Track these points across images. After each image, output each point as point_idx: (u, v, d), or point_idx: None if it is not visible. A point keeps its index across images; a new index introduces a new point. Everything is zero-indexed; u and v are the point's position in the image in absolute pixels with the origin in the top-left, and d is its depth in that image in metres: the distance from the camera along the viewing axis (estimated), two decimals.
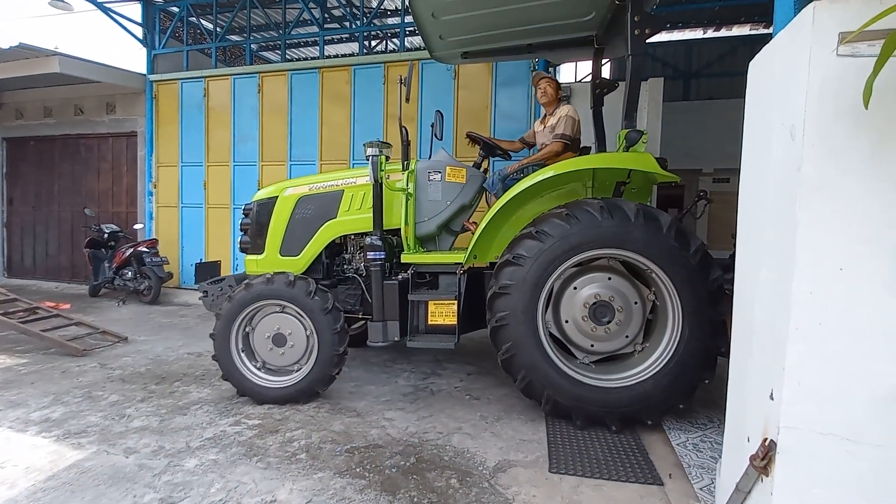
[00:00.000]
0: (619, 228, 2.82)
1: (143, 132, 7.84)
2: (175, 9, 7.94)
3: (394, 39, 9.75)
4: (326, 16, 8.07)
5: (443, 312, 3.29)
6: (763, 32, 9.24)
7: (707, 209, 6.41)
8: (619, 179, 3.24)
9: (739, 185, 2.09)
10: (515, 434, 2.95)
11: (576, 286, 3.04)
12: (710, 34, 9.95)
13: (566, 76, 11.46)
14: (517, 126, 5.94)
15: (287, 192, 3.78)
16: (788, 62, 1.64)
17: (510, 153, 4.00)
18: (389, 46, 10.16)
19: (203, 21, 8.11)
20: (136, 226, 7.70)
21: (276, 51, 9.84)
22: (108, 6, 7.66)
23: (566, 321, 3.06)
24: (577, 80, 9.99)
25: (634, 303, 2.98)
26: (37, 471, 2.52)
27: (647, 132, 3.17)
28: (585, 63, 8.65)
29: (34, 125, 8.68)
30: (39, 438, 2.87)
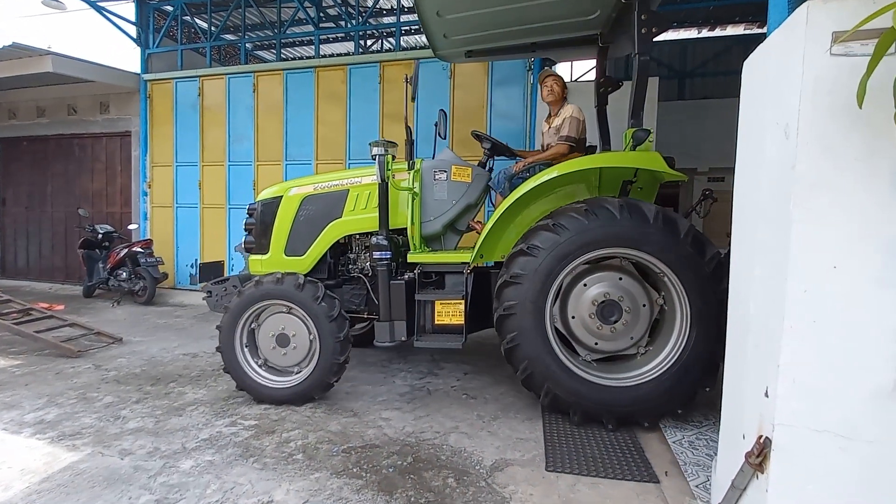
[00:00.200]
0: (637, 229, 2.81)
1: (138, 132, 7.80)
2: (169, 8, 7.90)
3: (389, 39, 9.75)
4: (322, 15, 8.05)
5: (450, 312, 3.28)
6: (757, 32, 9.27)
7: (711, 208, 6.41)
8: (626, 178, 3.24)
9: (734, 184, 2.10)
10: (512, 433, 2.96)
11: (586, 283, 3.03)
12: (705, 34, 9.98)
13: (563, 76, 11.45)
14: (514, 126, 5.95)
15: (292, 192, 3.76)
16: (782, 61, 1.64)
17: (514, 152, 3.97)
18: (385, 46, 10.15)
19: (197, 20, 8.07)
20: (131, 226, 7.66)
21: (272, 50, 9.82)
22: (102, 5, 7.61)
23: (572, 317, 3.06)
24: (574, 80, 10.00)
25: (643, 305, 2.98)
26: (31, 473, 2.50)
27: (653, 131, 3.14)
28: (579, 62, 8.71)
29: (27, 125, 8.61)
30: (34, 440, 2.85)
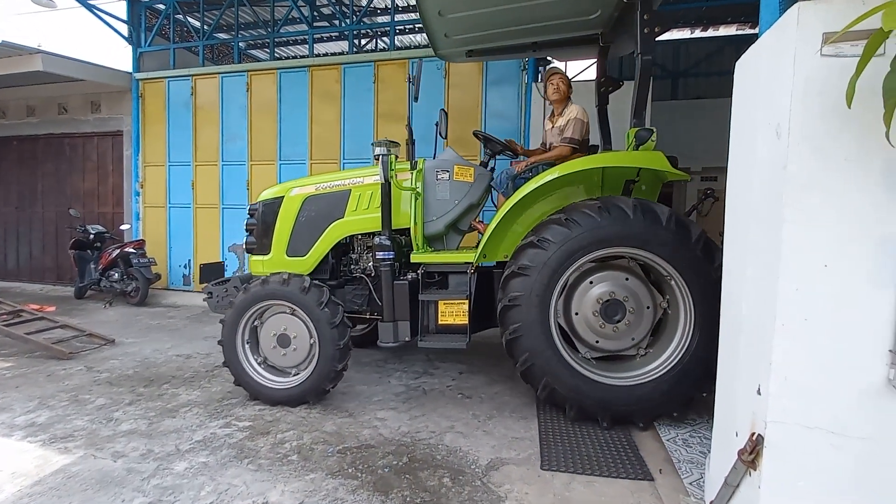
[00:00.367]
0: (649, 230, 2.82)
1: (129, 131, 7.72)
2: (161, 6, 7.83)
3: (384, 38, 9.71)
4: (316, 14, 8.02)
5: (453, 312, 3.27)
6: (749, 32, 9.33)
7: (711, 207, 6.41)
8: (628, 178, 3.24)
9: (726, 184, 2.11)
10: (507, 432, 2.96)
11: (592, 280, 3.04)
12: (698, 34, 10.05)
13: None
14: (508, 125, 5.96)
15: (293, 192, 3.75)
16: (774, 62, 1.66)
17: (516, 152, 3.95)
18: (380, 45, 10.12)
19: (190, 18, 8.01)
20: (123, 226, 7.59)
21: (265, 49, 9.76)
22: (93, 3, 7.54)
23: (576, 313, 3.06)
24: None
25: (647, 307, 2.99)
26: (23, 476, 2.47)
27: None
28: (575, 63, 8.73)
29: (17, 124, 8.51)
30: (25, 443, 2.83)
